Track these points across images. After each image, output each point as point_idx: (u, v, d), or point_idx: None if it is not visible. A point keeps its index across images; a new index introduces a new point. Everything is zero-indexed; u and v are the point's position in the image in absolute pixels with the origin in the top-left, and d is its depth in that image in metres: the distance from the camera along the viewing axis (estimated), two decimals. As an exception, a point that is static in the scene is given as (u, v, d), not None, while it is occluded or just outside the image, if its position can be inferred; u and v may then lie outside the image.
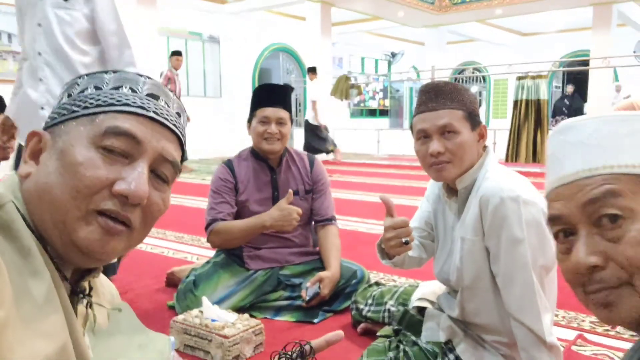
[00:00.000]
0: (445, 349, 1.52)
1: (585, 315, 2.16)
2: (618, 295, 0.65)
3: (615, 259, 0.65)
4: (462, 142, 1.42)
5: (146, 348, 0.82)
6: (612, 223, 0.66)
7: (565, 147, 0.72)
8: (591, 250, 0.66)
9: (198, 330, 1.81)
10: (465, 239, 1.44)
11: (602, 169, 0.68)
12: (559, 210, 0.71)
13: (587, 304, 0.70)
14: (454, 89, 1.45)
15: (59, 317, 0.62)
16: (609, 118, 0.70)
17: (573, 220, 0.69)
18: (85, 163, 0.66)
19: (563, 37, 14.86)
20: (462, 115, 1.42)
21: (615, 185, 0.66)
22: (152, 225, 0.75)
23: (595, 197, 0.67)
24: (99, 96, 0.70)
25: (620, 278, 0.65)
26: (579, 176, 0.69)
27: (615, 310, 0.66)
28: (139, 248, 3.36)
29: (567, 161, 0.71)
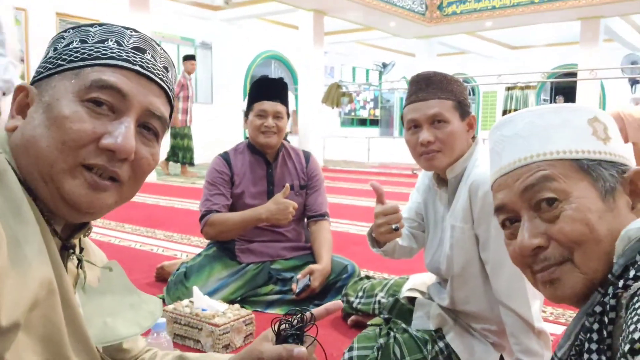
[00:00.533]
0: (435, 336, 1.53)
1: (573, 311, 2.19)
2: (561, 271, 0.70)
3: (556, 237, 0.70)
4: (452, 131, 1.44)
5: (138, 308, 0.81)
6: (549, 206, 0.71)
7: (503, 140, 0.78)
8: (533, 232, 0.71)
9: (188, 319, 1.81)
10: (455, 226, 1.46)
11: (537, 156, 0.73)
12: (501, 200, 0.76)
13: (536, 283, 0.74)
14: (443, 79, 1.47)
15: (47, 269, 0.62)
16: (541, 110, 0.76)
17: (515, 208, 0.74)
18: (71, 117, 0.66)
19: (551, 50, 15.07)
20: (452, 105, 1.45)
21: (549, 170, 0.71)
22: (142, 180, 0.74)
23: (532, 184, 0.72)
24: (84, 49, 0.70)
25: (562, 255, 0.70)
26: (516, 165, 0.74)
27: (559, 286, 0.70)
28: (128, 245, 3.35)
29: (505, 153, 0.77)
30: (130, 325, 0.78)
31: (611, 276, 0.65)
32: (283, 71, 14.07)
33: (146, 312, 0.82)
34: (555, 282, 0.71)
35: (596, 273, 0.68)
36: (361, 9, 10.04)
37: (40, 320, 0.60)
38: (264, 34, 12.68)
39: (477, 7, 10.92)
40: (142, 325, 0.79)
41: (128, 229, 3.86)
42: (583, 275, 0.68)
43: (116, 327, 0.76)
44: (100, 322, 0.75)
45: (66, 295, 0.66)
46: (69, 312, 0.66)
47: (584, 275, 0.68)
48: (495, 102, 16.24)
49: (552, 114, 0.75)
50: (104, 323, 0.75)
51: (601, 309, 0.64)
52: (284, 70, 14.07)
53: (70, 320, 0.66)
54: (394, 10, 10.45)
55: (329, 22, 10.98)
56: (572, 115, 0.75)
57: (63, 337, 0.63)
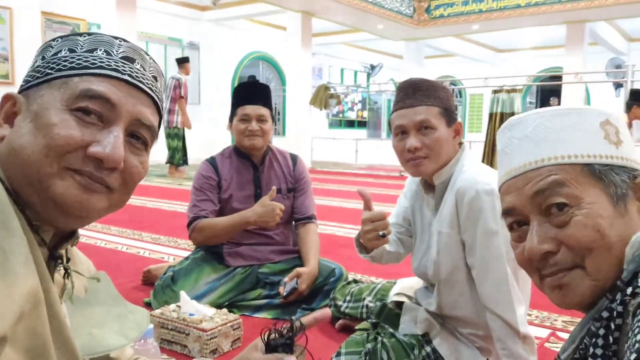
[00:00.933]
0: (422, 341, 1.54)
1: (557, 314, 2.21)
2: (571, 277, 0.69)
3: (566, 243, 0.69)
4: (438, 138, 1.45)
5: (125, 318, 0.81)
6: (560, 211, 0.70)
7: (513, 142, 0.76)
8: (542, 237, 0.71)
9: (175, 324, 1.80)
10: (441, 232, 1.47)
11: (547, 160, 0.72)
12: (510, 202, 0.75)
13: (543, 288, 0.74)
14: (430, 85, 1.48)
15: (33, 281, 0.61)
16: (551, 112, 0.75)
17: (525, 211, 0.73)
18: (59, 124, 0.66)
19: (537, 54, 15.24)
20: (439, 112, 1.46)
21: (560, 175, 0.70)
22: (133, 188, 0.74)
23: (543, 188, 0.71)
24: (72, 59, 0.69)
25: (573, 260, 0.69)
26: (526, 168, 0.73)
27: (568, 292, 0.70)
28: (114, 248, 3.32)
29: (515, 155, 0.75)
30: (117, 337, 0.77)
31: (620, 282, 0.65)
32: (271, 72, 14.06)
33: (133, 323, 0.81)
34: (564, 288, 0.70)
35: (606, 279, 0.68)
36: (349, 10, 10.07)
37: (27, 332, 0.59)
38: (252, 34, 12.66)
39: (464, 10, 11.01)
40: (128, 336, 0.79)
41: (114, 232, 3.83)
42: (593, 282, 0.68)
43: (103, 338, 0.75)
44: (87, 333, 0.75)
45: (53, 307, 0.65)
46: (55, 324, 0.65)
47: (594, 282, 0.68)
48: (482, 104, 16.37)
49: (562, 117, 0.74)
50: (90, 334, 0.75)
51: (608, 314, 0.64)
52: (272, 72, 14.06)
53: (57, 331, 0.65)
54: (382, 12, 10.49)
55: (317, 23, 11.00)
56: (583, 118, 0.73)
57: (49, 349, 0.63)
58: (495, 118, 8.12)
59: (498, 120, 8.08)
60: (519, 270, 1.42)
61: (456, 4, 11.09)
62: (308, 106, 10.40)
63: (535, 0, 9.99)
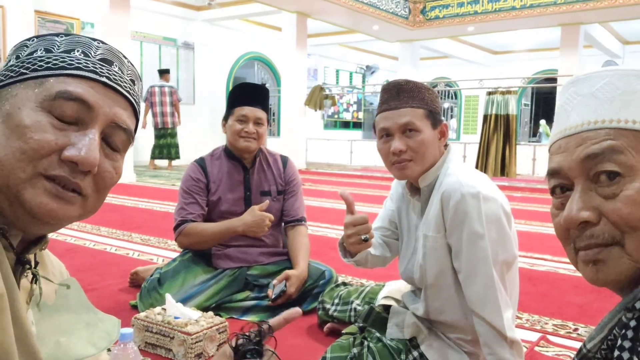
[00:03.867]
0: (409, 345, 1.52)
1: (548, 318, 2.19)
2: (607, 254, 0.63)
3: (608, 216, 0.63)
4: (423, 140, 1.43)
5: (94, 327, 0.78)
6: (610, 180, 0.63)
7: (575, 98, 0.69)
8: (585, 205, 0.64)
9: (160, 327, 1.77)
10: (427, 236, 1.45)
11: (608, 122, 0.64)
12: (558, 163, 0.68)
13: (576, 262, 0.68)
14: (415, 87, 1.46)
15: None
16: (625, 72, 0.67)
17: (571, 174, 0.66)
18: (32, 126, 0.63)
19: (532, 56, 15.27)
20: (423, 114, 1.44)
21: (617, 141, 0.63)
22: (106, 194, 0.72)
23: (595, 153, 0.64)
24: (49, 59, 0.67)
25: (612, 236, 0.63)
26: (582, 128, 0.66)
27: (603, 269, 0.64)
28: (103, 249, 3.29)
29: (574, 113, 0.68)
30: (85, 345, 0.75)
31: None
32: (266, 73, 14.03)
33: (103, 331, 0.79)
34: (598, 264, 0.64)
35: None
36: (344, 11, 10.05)
37: None
38: (247, 35, 12.63)
39: (460, 11, 11.01)
40: (97, 345, 0.76)
41: (104, 232, 3.80)
42: (632, 263, 0.62)
43: (70, 347, 0.73)
44: (54, 341, 0.72)
45: (17, 313, 0.62)
46: (19, 331, 0.62)
47: (634, 263, 0.62)
48: (477, 106, 16.39)
49: (635, 78, 0.65)
50: (57, 342, 0.72)
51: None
52: (267, 72, 14.03)
53: (21, 339, 0.63)
54: (378, 13, 10.48)
55: (312, 24, 10.98)
56: None
57: (13, 358, 0.60)
58: (490, 120, 8.13)
59: (493, 121, 8.09)
60: (506, 274, 1.40)
61: (451, 5, 11.09)
62: (303, 107, 10.37)
63: (530, 2, 9.99)
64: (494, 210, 1.35)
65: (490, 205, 1.35)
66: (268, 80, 13.98)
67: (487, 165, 8.05)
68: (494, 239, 1.35)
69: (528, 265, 3.10)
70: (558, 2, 9.67)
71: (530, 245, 3.41)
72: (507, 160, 7.96)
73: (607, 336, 0.64)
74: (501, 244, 1.36)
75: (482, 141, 8.21)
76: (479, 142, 8.36)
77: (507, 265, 1.40)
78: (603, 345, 0.64)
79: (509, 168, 7.92)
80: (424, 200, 1.49)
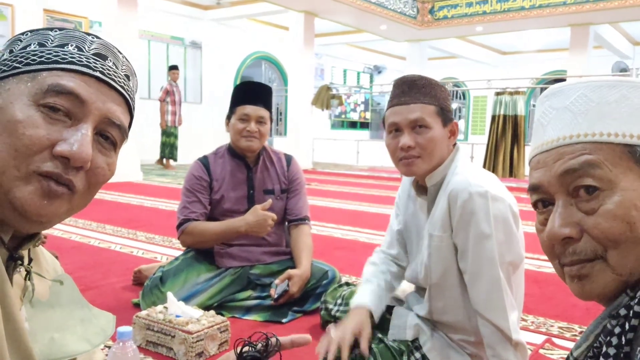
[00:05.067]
0: (411, 347, 1.50)
1: (553, 320, 2.17)
2: (591, 269, 0.63)
3: (590, 232, 0.62)
4: (432, 137, 1.41)
5: (88, 323, 0.77)
6: (589, 194, 0.62)
7: (550, 112, 0.69)
8: (566, 221, 0.64)
9: (161, 326, 1.76)
10: (433, 235, 1.43)
11: (584, 136, 0.64)
12: (538, 179, 0.68)
13: (563, 277, 0.67)
14: (427, 83, 1.44)
15: None
16: (597, 83, 0.66)
17: (551, 190, 0.66)
18: (24, 121, 0.62)
19: (541, 57, 15.17)
20: (434, 111, 1.42)
21: (594, 155, 0.63)
22: (96, 190, 0.71)
23: (573, 168, 0.63)
24: (42, 53, 0.67)
25: (595, 251, 0.62)
26: (559, 143, 0.66)
27: (588, 284, 0.64)
28: (107, 247, 3.29)
29: (549, 127, 0.68)
30: (79, 341, 0.74)
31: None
32: (273, 72, 14.04)
33: (97, 327, 0.78)
34: (583, 279, 0.64)
35: (631, 275, 0.62)
36: (352, 11, 10.03)
37: None
38: (254, 34, 12.64)
39: (468, 11, 10.96)
40: (91, 341, 0.75)
41: (109, 230, 3.80)
42: (616, 276, 0.62)
43: (64, 343, 0.72)
44: (47, 337, 0.71)
45: (8, 309, 0.62)
46: (11, 328, 0.61)
47: (618, 276, 0.62)
48: (486, 107, 16.31)
49: (608, 90, 0.65)
50: (51, 339, 0.71)
51: (626, 312, 0.59)
52: (275, 72, 14.03)
53: (13, 336, 0.62)
54: (385, 13, 10.45)
55: (319, 24, 10.96)
56: (633, 93, 0.64)
57: (3, 355, 0.59)
58: (498, 120, 8.07)
59: (501, 122, 8.03)
60: (512, 275, 1.38)
61: (460, 5, 11.04)
62: (310, 107, 10.36)
63: (539, 2, 9.93)
64: (502, 210, 1.33)
65: (498, 205, 1.33)
66: (275, 80, 13.99)
67: (496, 166, 8.00)
68: (501, 240, 1.32)
69: (534, 267, 3.07)
70: (568, 2, 9.60)
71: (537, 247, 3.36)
72: (515, 161, 7.90)
73: (593, 344, 0.64)
74: (508, 245, 1.34)
75: (490, 142, 8.15)
76: (486, 142, 8.31)
77: (514, 266, 1.37)
78: (589, 352, 0.64)
79: (517, 169, 7.87)
80: (430, 199, 1.47)
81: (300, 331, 1.99)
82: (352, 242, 3.73)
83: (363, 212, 5.16)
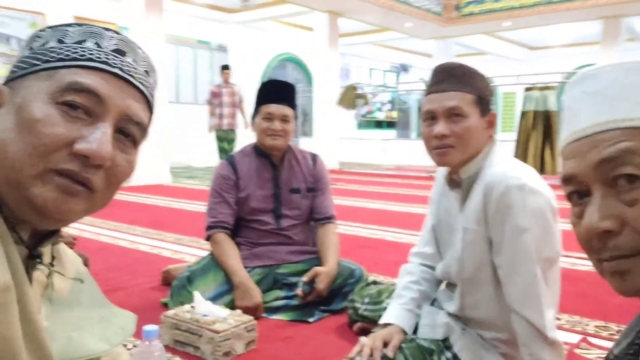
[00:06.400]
0: (442, 346, 1.46)
1: (589, 319, 2.09)
2: (633, 264, 0.59)
3: (632, 224, 0.58)
4: (469, 127, 1.36)
5: (107, 322, 0.76)
6: (630, 184, 0.58)
7: (582, 98, 0.64)
8: (605, 213, 0.59)
9: (188, 325, 1.76)
10: (467, 229, 1.39)
11: (621, 122, 0.60)
12: (572, 169, 0.63)
13: (602, 272, 0.63)
14: (467, 71, 1.39)
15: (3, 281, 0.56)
16: (631, 65, 0.62)
17: (587, 180, 0.62)
18: (43, 119, 0.62)
19: (571, 51, 14.82)
20: (472, 100, 1.37)
21: (633, 142, 0.58)
22: (117, 188, 0.70)
23: (611, 156, 0.59)
24: (61, 50, 0.66)
25: (637, 245, 0.58)
26: (594, 130, 0.61)
27: (630, 279, 0.59)
28: (136, 248, 3.33)
29: (582, 114, 0.63)
30: (98, 341, 0.73)
31: None
32: (299, 73, 14.06)
33: (117, 327, 0.77)
34: (624, 274, 0.60)
35: None
36: (376, 9, 9.97)
37: None
38: (279, 36, 12.69)
39: (495, 7, 10.78)
40: (111, 341, 0.74)
41: (138, 232, 3.85)
42: None
43: (82, 342, 0.71)
44: (66, 336, 0.70)
45: (26, 308, 0.61)
46: (28, 327, 0.61)
47: None
48: (514, 103, 16.02)
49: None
50: (69, 338, 0.70)
51: None
52: (300, 73, 14.06)
53: (30, 334, 0.61)
54: (410, 10, 10.36)
55: (344, 23, 10.94)
56: None
57: (19, 354, 0.58)
58: (528, 117, 7.90)
59: (531, 119, 7.85)
60: (548, 271, 1.33)
61: (487, 1, 10.87)
62: (336, 107, 10.34)
63: (568, -5, 9.71)
64: (540, 204, 1.28)
65: (536, 199, 1.27)
66: (301, 81, 14.01)
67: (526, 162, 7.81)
68: (538, 234, 1.27)
69: (569, 264, 2.98)
70: (598, -6, 9.36)
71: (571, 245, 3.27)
72: (546, 158, 7.71)
73: (634, 340, 0.60)
74: (545, 240, 1.29)
75: (520, 139, 7.98)
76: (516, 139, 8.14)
77: (550, 262, 1.32)
78: (630, 350, 0.61)
79: (549, 166, 7.68)
80: (464, 192, 1.42)
81: (328, 330, 1.98)
82: (379, 241, 3.69)
83: (389, 211, 5.11)
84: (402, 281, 1.63)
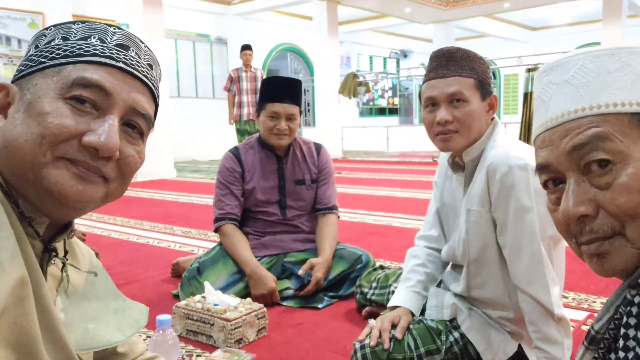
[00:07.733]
0: (449, 327, 1.48)
1: (595, 296, 2.11)
2: (610, 246, 0.61)
3: (606, 207, 0.60)
4: (471, 112, 1.37)
5: (122, 314, 0.79)
6: (602, 169, 0.60)
7: (550, 88, 0.66)
8: (580, 199, 0.62)
9: (200, 314, 1.79)
10: (471, 210, 1.40)
11: (589, 109, 0.62)
12: (545, 158, 0.66)
13: (581, 255, 0.66)
14: (465, 55, 1.40)
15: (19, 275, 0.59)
16: (596, 53, 0.63)
17: (561, 168, 0.64)
18: (52, 112, 0.64)
19: (573, 30, 14.69)
20: (473, 84, 1.38)
21: (602, 127, 0.60)
22: (130, 178, 0.72)
23: (582, 143, 0.61)
24: (66, 47, 0.68)
25: (612, 227, 0.60)
26: (564, 119, 0.63)
27: (608, 261, 0.62)
28: (146, 242, 3.36)
29: (552, 103, 0.65)
30: (113, 332, 0.76)
31: None
32: (299, 63, 14.03)
33: (131, 319, 0.79)
34: (603, 257, 0.62)
35: None
36: (375, -4, 9.92)
37: (10, 328, 0.57)
38: (278, 26, 12.64)
39: (495, -12, 10.69)
40: (125, 332, 0.77)
41: (147, 226, 3.88)
42: (636, 250, 0.60)
43: (98, 333, 0.74)
44: (82, 327, 0.73)
45: (43, 301, 0.63)
46: (45, 318, 0.63)
47: (638, 251, 0.60)
48: (517, 84, 15.93)
49: (608, 58, 0.62)
50: (85, 329, 0.73)
51: None
52: (300, 63, 14.02)
53: (47, 326, 0.64)
54: (409, -5, 10.30)
55: (343, 11, 10.88)
56: (634, 59, 0.61)
57: (37, 345, 0.61)
58: (531, 98, 7.87)
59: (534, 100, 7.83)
60: (553, 249, 1.35)
61: (485, -18, 10.78)
62: (337, 96, 10.32)
63: (568, -27, 9.61)
64: None
65: None
66: (301, 71, 13.97)
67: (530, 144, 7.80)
68: (542, 213, 1.29)
69: (574, 243, 2.99)
70: (598, -29, 9.26)
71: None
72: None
73: (614, 315, 0.63)
74: (549, 219, 1.30)
75: (524, 121, 7.96)
76: (520, 120, 8.11)
77: (555, 240, 1.34)
78: (610, 324, 0.63)
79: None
80: (467, 174, 1.44)
81: (337, 315, 2.01)
82: (385, 227, 3.71)
83: (395, 197, 5.13)
84: (409, 264, 1.65)
